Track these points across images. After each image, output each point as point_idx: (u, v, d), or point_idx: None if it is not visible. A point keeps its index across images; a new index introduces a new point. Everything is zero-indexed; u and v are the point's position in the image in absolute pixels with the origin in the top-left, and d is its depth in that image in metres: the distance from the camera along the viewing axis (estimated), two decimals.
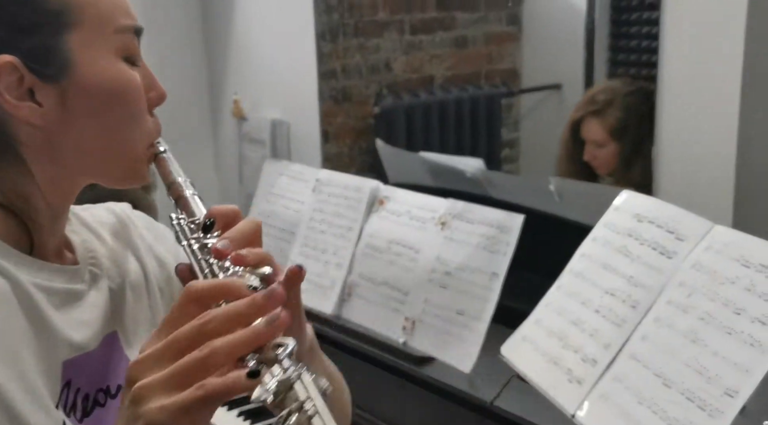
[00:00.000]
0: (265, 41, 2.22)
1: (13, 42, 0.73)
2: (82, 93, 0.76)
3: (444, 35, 2.50)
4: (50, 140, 0.76)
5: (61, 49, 0.74)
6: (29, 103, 0.74)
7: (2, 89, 0.72)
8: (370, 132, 2.33)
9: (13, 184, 0.77)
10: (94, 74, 0.76)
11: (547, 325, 1.19)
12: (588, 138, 1.82)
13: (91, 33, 0.76)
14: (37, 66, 0.73)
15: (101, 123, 0.77)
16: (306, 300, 1.62)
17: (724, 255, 0.99)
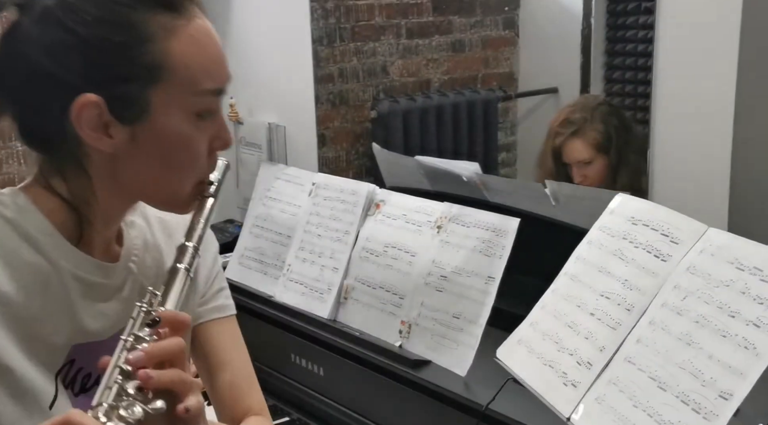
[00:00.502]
0: (262, 46, 2.22)
1: (104, 84, 0.81)
2: (150, 138, 0.84)
3: (441, 39, 2.51)
4: (113, 164, 0.86)
5: (144, 99, 0.82)
6: (102, 136, 0.83)
7: (82, 122, 0.82)
8: (367, 136, 2.34)
9: (78, 189, 0.88)
10: (165, 126, 0.84)
11: (543, 328, 1.19)
12: (573, 159, 1.82)
13: (176, 92, 0.83)
14: (117, 109, 0.82)
15: (160, 163, 0.87)
16: (302, 304, 1.63)
17: (718, 258, 0.99)
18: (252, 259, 1.79)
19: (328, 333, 1.56)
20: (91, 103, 0.81)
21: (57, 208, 0.88)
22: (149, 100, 0.83)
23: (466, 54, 2.55)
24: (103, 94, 0.81)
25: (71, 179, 0.88)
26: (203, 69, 0.85)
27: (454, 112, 2.47)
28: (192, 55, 0.83)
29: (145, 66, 0.82)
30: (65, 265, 0.88)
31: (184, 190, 0.90)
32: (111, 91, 0.82)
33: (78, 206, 0.89)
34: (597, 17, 2.31)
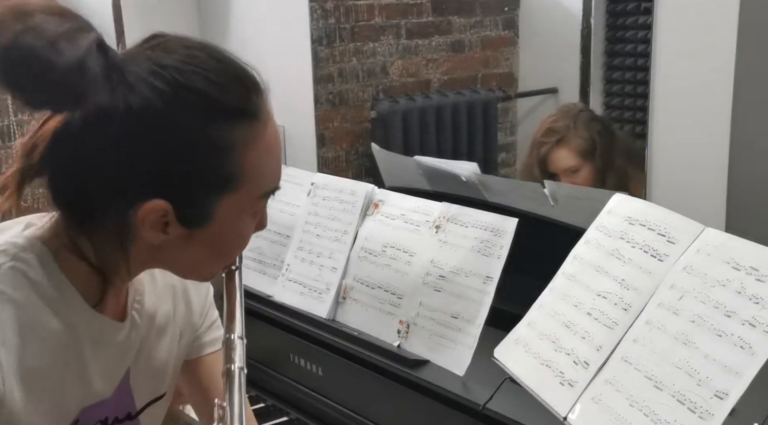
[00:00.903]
0: (261, 47, 2.23)
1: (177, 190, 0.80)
2: (208, 237, 0.84)
3: (440, 40, 2.51)
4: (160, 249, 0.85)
5: (212, 206, 0.82)
6: (158, 233, 0.82)
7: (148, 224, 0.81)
8: (366, 136, 2.34)
9: (109, 255, 0.85)
10: (226, 228, 0.84)
11: (540, 328, 1.19)
12: (560, 168, 1.82)
13: (243, 198, 0.83)
14: (183, 215, 0.81)
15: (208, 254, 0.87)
16: (301, 303, 1.64)
17: (714, 258, 1.00)
18: (251, 259, 1.80)
19: (327, 332, 1.56)
20: (159, 209, 0.80)
21: (81, 270, 0.86)
22: (217, 207, 0.82)
23: (465, 54, 2.55)
24: (173, 199, 0.80)
25: (103, 247, 0.86)
26: (271, 173, 0.86)
27: (453, 112, 2.46)
28: (265, 163, 0.83)
29: (221, 177, 0.80)
30: (84, 329, 0.87)
31: (218, 270, 0.93)
32: (182, 197, 0.80)
33: (105, 272, 0.87)
34: (597, 18, 2.31)
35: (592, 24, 2.27)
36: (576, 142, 1.78)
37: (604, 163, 1.74)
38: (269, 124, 0.84)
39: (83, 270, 0.86)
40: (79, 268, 0.86)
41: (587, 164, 1.77)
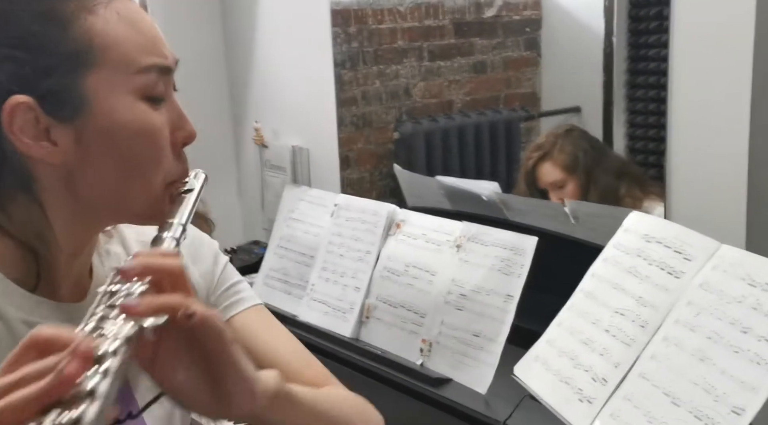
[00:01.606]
0: (285, 71, 2.27)
1: (30, 82, 0.71)
2: (99, 133, 0.73)
3: (462, 61, 2.53)
4: (66, 179, 0.74)
5: (78, 89, 0.72)
6: (45, 143, 0.72)
7: (17, 130, 0.71)
8: (390, 157, 2.36)
9: (28, 220, 0.75)
10: (111, 115, 0.73)
11: (559, 345, 1.20)
12: (547, 183, 1.85)
13: (111, 74, 0.73)
14: (52, 106, 0.71)
15: (118, 162, 0.75)
16: (326, 323, 1.65)
17: (730, 275, 1.00)
18: (277, 279, 1.82)
19: (351, 351, 1.58)
20: (20, 104, 0.70)
21: (7, 249, 0.75)
22: (85, 89, 0.72)
23: (488, 75, 2.56)
24: (30, 92, 0.70)
25: (17, 212, 0.75)
26: (137, 45, 0.74)
27: (476, 132, 2.48)
28: (121, 31, 0.73)
29: (70, 52, 0.71)
30: (14, 313, 0.75)
31: (155, 192, 0.78)
32: (37, 87, 0.71)
33: (31, 243, 0.76)
34: (619, 36, 2.31)
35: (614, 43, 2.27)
36: (560, 157, 1.83)
37: (587, 177, 1.78)
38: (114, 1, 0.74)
39: (6, 247, 0.75)
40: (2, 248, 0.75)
41: (572, 178, 1.81)
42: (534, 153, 1.90)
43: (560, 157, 1.83)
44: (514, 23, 2.64)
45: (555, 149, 1.84)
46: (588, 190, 1.78)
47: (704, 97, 1.37)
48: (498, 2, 2.49)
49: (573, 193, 1.80)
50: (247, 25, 2.34)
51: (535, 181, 1.88)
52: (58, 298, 0.79)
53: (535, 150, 1.91)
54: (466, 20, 2.51)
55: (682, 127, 1.42)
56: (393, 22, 2.36)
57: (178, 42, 0.83)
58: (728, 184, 1.32)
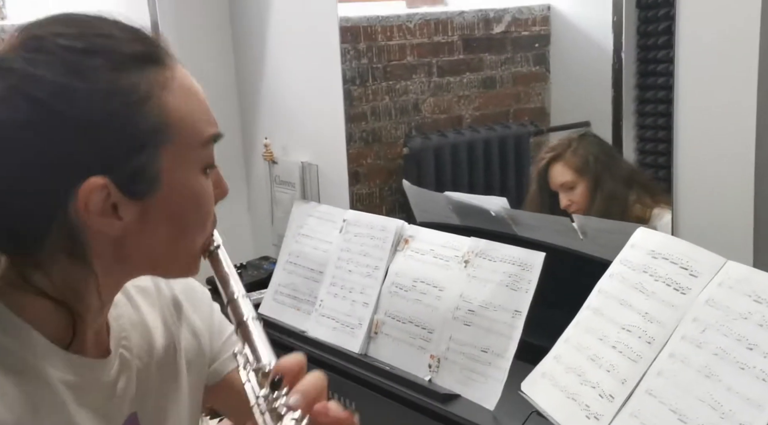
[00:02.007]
0: (295, 87, 2.29)
1: (110, 162, 0.71)
2: (163, 205, 0.75)
3: (472, 76, 2.54)
4: (120, 245, 0.76)
5: (153, 167, 0.73)
6: (111, 219, 0.73)
7: (90, 208, 0.71)
8: (399, 172, 2.37)
9: (68, 279, 0.76)
10: (178, 189, 0.75)
11: (566, 361, 1.20)
12: (557, 184, 1.87)
13: (182, 149, 0.75)
14: (126, 185, 0.72)
15: (173, 229, 0.77)
16: (334, 338, 1.66)
17: (736, 291, 1.00)
18: (286, 295, 1.83)
19: (360, 367, 1.58)
20: (98, 187, 0.71)
21: (41, 308, 0.76)
22: (157, 166, 0.73)
23: (497, 90, 2.57)
24: (108, 173, 0.71)
25: (59, 273, 0.76)
26: (200, 116, 0.77)
27: (485, 147, 2.48)
28: (189, 105, 0.76)
29: (149, 130, 0.72)
30: (54, 374, 0.75)
31: (195, 252, 0.81)
32: (118, 168, 0.72)
33: (68, 302, 0.77)
34: (627, 52, 2.31)
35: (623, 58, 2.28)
36: (572, 159, 1.85)
37: (595, 182, 1.80)
38: (177, 68, 0.76)
39: (44, 308, 0.76)
40: (38, 307, 0.76)
41: (583, 181, 1.82)
42: (547, 153, 1.93)
43: (572, 159, 1.86)
44: (523, 39, 2.65)
45: (568, 151, 1.87)
46: (594, 194, 1.80)
47: (710, 112, 1.37)
48: (507, 18, 2.50)
49: (583, 195, 1.82)
50: (256, 42, 2.36)
51: (546, 183, 1.90)
52: (87, 353, 0.80)
53: (548, 151, 1.94)
54: (475, 36, 2.52)
55: (690, 143, 1.42)
56: (402, 38, 2.38)
57: (189, 60, 0.84)
58: (736, 200, 1.32)
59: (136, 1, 2.27)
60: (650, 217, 1.58)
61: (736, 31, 1.31)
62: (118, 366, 0.84)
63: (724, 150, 1.35)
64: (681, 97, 1.43)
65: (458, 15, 2.44)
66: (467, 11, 2.43)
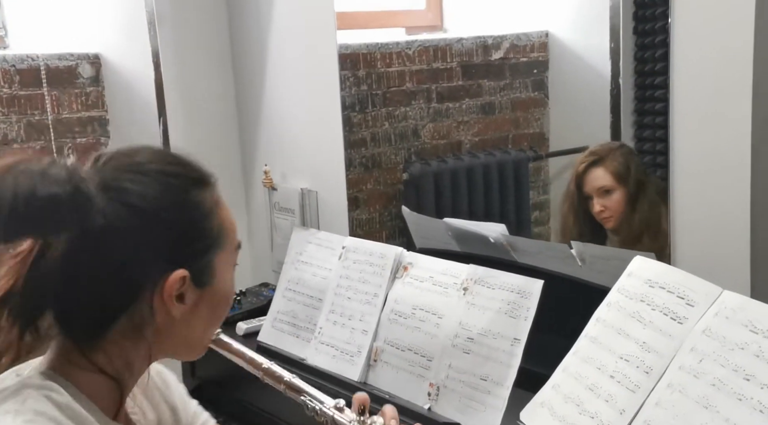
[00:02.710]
0: (294, 114, 2.30)
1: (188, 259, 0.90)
2: (211, 297, 0.94)
3: (471, 102, 2.55)
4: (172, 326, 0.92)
5: (213, 264, 0.93)
6: (179, 304, 0.91)
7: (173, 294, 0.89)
8: (399, 197, 2.37)
9: (128, 358, 0.92)
10: (222, 283, 0.95)
11: (564, 391, 1.20)
12: (595, 187, 1.87)
13: (228, 252, 0.95)
14: (197, 278, 0.91)
15: (211, 317, 0.96)
16: (333, 366, 1.66)
17: (732, 321, 1.00)
18: (285, 322, 1.83)
19: None
20: (183, 278, 0.89)
21: (97, 384, 0.91)
22: (215, 262, 0.93)
23: (496, 116, 2.58)
24: (188, 267, 0.90)
25: (119, 352, 0.92)
26: (235, 227, 0.98)
27: (485, 172, 2.49)
28: (229, 219, 0.96)
29: (213, 236, 0.93)
30: None
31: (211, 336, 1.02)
32: (194, 263, 0.91)
33: (122, 379, 0.93)
34: (625, 78, 2.33)
35: (621, 84, 2.29)
36: (612, 164, 1.85)
37: (637, 188, 1.80)
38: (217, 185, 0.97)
39: (99, 383, 0.91)
40: (94, 383, 0.91)
41: (621, 187, 1.82)
42: (588, 157, 1.94)
43: (613, 164, 1.87)
44: (522, 65, 2.66)
45: (609, 156, 1.88)
46: (637, 199, 1.80)
47: (707, 138, 1.38)
48: (505, 45, 2.52)
49: (617, 202, 1.82)
50: (256, 69, 2.38)
51: (582, 186, 1.91)
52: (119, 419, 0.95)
53: (589, 155, 1.95)
54: (473, 62, 2.54)
55: (686, 170, 1.43)
56: (401, 64, 2.40)
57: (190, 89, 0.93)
58: (733, 229, 1.33)
59: (137, 32, 2.29)
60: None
61: (731, 57, 1.32)
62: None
63: (720, 177, 1.36)
64: (677, 123, 1.44)
65: (457, 42, 2.45)
66: (466, 38, 2.45)
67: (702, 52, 1.38)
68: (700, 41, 1.38)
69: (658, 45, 1.79)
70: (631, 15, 2.00)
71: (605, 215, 1.83)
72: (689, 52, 1.40)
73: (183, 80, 2.35)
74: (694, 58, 1.39)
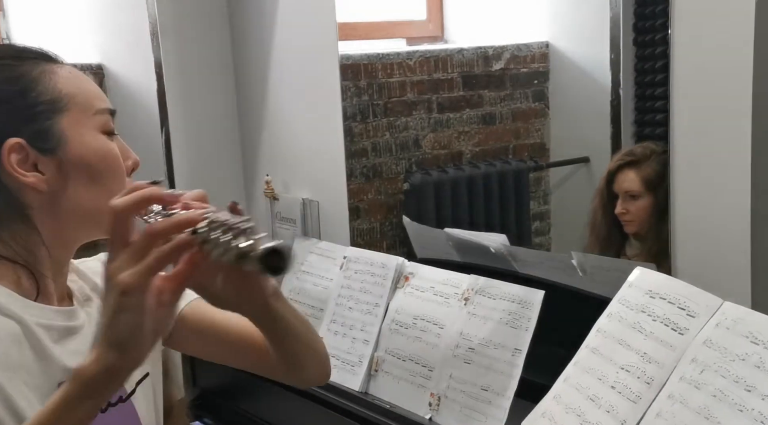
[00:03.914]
0: (296, 125, 2.31)
1: (19, 128, 0.94)
2: (75, 161, 0.96)
3: (471, 113, 2.56)
4: (52, 202, 0.96)
5: (56, 129, 0.96)
6: (34, 173, 0.95)
7: (14, 163, 0.93)
8: (400, 207, 2.38)
9: (23, 241, 0.96)
10: (82, 145, 0.97)
11: (566, 401, 1.20)
12: (622, 189, 1.85)
13: (78, 115, 0.97)
14: (38, 144, 0.95)
15: (90, 184, 0.97)
16: (335, 376, 1.66)
17: (733, 332, 1.01)
18: None
19: (360, 406, 1.58)
20: (15, 145, 0.93)
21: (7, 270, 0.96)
22: (60, 128, 0.95)
23: (496, 126, 2.59)
24: (20, 135, 0.93)
25: (14, 237, 0.96)
26: (90, 93, 1.00)
27: (485, 182, 2.50)
28: (78, 85, 0.99)
29: (46, 101, 0.96)
30: (29, 318, 0.94)
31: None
32: (25, 130, 0.94)
33: (28, 262, 0.97)
34: (625, 88, 2.34)
35: (621, 94, 2.30)
36: (645, 170, 1.82)
37: (667, 198, 1.78)
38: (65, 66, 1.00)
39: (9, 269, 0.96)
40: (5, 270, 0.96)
41: (648, 196, 1.80)
42: (624, 156, 1.91)
43: (646, 170, 1.84)
44: (522, 75, 2.67)
45: (645, 161, 1.85)
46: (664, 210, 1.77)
47: (707, 149, 1.39)
48: (506, 55, 2.53)
49: (641, 209, 1.80)
50: (258, 79, 2.38)
51: (612, 183, 1.89)
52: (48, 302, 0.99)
53: (625, 154, 1.91)
54: (474, 73, 2.55)
55: (686, 181, 1.44)
56: (402, 75, 2.40)
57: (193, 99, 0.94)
58: (733, 239, 1.33)
59: (139, 43, 2.30)
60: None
61: (731, 67, 1.33)
62: (84, 317, 1.02)
63: (721, 188, 1.36)
64: (677, 134, 1.45)
65: (458, 52, 2.46)
66: (467, 49, 2.46)
67: (702, 63, 1.38)
68: (701, 52, 1.39)
69: (658, 56, 1.80)
70: (631, 26, 2.01)
71: (626, 218, 1.81)
72: (690, 62, 1.41)
73: (185, 91, 2.35)
74: (694, 69, 1.40)
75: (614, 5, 2.11)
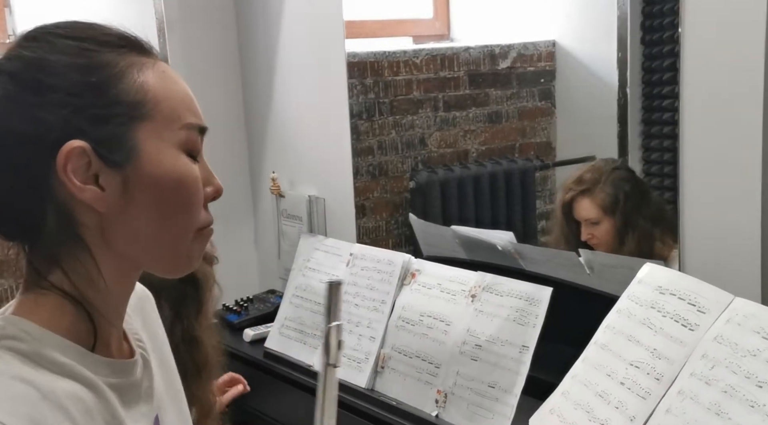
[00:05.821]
0: (302, 122, 2.31)
1: (87, 129, 0.75)
2: (144, 181, 0.77)
3: (477, 111, 2.55)
4: (105, 229, 0.77)
5: (130, 138, 0.76)
6: (93, 187, 0.75)
7: (70, 172, 0.74)
8: (406, 205, 2.38)
9: (81, 272, 0.77)
10: (157, 164, 0.77)
11: (574, 397, 1.19)
12: (582, 217, 1.85)
13: (161, 126, 0.78)
14: (104, 152, 0.75)
15: (156, 211, 0.78)
16: (341, 373, 1.65)
17: (744, 328, 1.00)
18: (292, 329, 1.83)
19: (366, 402, 1.58)
20: (77, 149, 0.74)
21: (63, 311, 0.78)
22: (135, 138, 0.77)
23: (503, 125, 2.58)
24: (86, 138, 0.75)
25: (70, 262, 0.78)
26: (182, 103, 0.81)
27: (491, 181, 2.49)
28: (168, 89, 0.80)
29: (126, 102, 0.77)
30: (97, 379, 0.77)
31: (187, 239, 0.81)
32: (94, 133, 0.75)
33: (88, 298, 0.78)
34: (633, 87, 2.33)
35: (628, 93, 2.29)
36: (600, 196, 1.82)
37: (624, 221, 1.77)
38: (159, 61, 0.82)
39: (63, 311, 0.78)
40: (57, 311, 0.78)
41: (607, 219, 1.79)
42: (575, 186, 1.89)
43: (600, 195, 1.83)
44: (529, 74, 2.67)
45: (597, 187, 1.84)
46: (625, 234, 1.76)
47: (716, 147, 1.38)
48: (512, 54, 2.52)
49: (606, 233, 1.80)
50: (264, 77, 2.38)
51: (570, 212, 1.88)
52: (112, 356, 0.81)
53: (576, 183, 1.90)
54: (480, 71, 2.54)
55: (696, 178, 1.43)
56: (409, 73, 2.40)
57: (199, 95, 0.87)
58: (743, 235, 1.32)
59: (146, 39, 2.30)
60: (670, 257, 1.55)
61: (741, 66, 1.32)
62: (141, 366, 0.85)
63: (730, 185, 1.36)
64: (686, 133, 1.44)
65: (464, 51, 2.46)
66: (473, 47, 2.45)
67: (713, 62, 1.38)
68: (710, 50, 1.38)
69: (666, 55, 1.79)
70: (639, 25, 2.00)
71: (594, 242, 1.81)
72: (700, 61, 1.40)
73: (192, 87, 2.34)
74: (704, 67, 1.40)
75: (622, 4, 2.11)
